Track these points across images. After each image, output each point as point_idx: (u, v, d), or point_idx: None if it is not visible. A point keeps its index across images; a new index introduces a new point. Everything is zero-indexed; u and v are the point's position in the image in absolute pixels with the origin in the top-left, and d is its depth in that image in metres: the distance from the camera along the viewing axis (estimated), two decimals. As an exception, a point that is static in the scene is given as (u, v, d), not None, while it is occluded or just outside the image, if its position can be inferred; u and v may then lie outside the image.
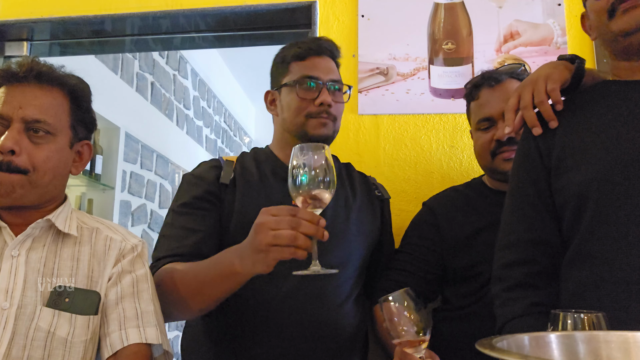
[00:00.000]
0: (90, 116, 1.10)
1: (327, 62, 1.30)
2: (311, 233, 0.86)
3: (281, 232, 0.86)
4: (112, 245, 1.03)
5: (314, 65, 1.27)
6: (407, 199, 1.60)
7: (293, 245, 0.86)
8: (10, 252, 0.95)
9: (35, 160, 0.96)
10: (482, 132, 1.29)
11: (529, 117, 0.99)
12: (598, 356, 0.57)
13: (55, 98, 1.02)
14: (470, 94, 1.34)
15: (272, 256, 0.89)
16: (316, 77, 1.26)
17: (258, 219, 0.91)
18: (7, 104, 0.97)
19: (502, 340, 0.55)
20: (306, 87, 1.25)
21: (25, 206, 0.99)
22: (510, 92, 1.25)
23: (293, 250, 0.87)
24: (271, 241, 0.87)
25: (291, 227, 0.86)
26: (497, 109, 1.26)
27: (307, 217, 0.87)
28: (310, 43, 1.30)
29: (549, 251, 0.94)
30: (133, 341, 0.93)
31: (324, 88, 1.25)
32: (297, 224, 0.86)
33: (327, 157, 0.88)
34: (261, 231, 0.89)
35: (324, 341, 1.14)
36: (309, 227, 0.86)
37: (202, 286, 1.03)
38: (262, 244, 0.88)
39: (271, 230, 0.87)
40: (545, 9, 1.72)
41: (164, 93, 3.67)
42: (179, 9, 1.87)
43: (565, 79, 0.99)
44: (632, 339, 0.57)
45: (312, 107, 1.23)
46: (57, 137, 1.00)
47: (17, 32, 2.05)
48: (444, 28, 1.74)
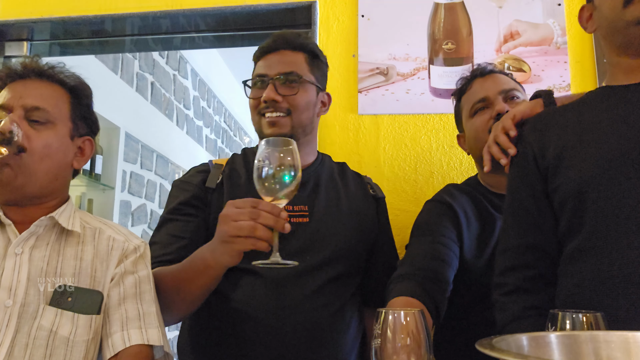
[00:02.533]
0: (92, 115, 1.11)
1: (281, 56, 1.25)
2: (270, 224, 0.89)
3: (241, 223, 0.89)
4: (114, 245, 1.03)
5: (266, 63, 1.25)
6: (407, 199, 1.61)
7: (252, 236, 0.88)
8: (14, 250, 0.95)
9: (32, 143, 0.97)
10: (478, 115, 1.28)
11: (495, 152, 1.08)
12: (598, 356, 0.57)
13: (56, 90, 1.04)
14: (462, 89, 1.35)
15: (236, 247, 0.91)
16: (263, 74, 1.23)
17: (223, 211, 0.94)
18: (9, 96, 1.00)
19: (502, 341, 0.55)
20: (255, 86, 1.25)
21: (27, 199, 0.99)
22: (502, 79, 1.31)
23: (253, 241, 0.89)
24: (233, 232, 0.90)
25: (251, 219, 0.88)
26: (492, 89, 1.27)
27: (268, 208, 0.89)
28: (270, 40, 1.27)
29: (544, 255, 0.96)
30: (135, 342, 0.93)
31: (269, 84, 1.21)
32: (256, 215, 0.88)
33: (291, 151, 0.89)
34: (224, 222, 0.92)
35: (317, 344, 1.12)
36: (268, 218, 0.88)
37: (180, 285, 1.05)
38: (226, 235, 0.91)
39: (232, 222, 0.90)
40: (545, 9, 1.72)
41: (164, 93, 3.67)
42: (179, 9, 1.87)
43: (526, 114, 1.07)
44: (632, 339, 0.57)
45: (261, 105, 1.23)
46: (56, 126, 1.01)
47: (17, 32, 2.05)
48: (444, 28, 1.74)
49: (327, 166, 1.35)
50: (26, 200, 0.99)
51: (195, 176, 1.27)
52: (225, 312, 1.14)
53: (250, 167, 1.26)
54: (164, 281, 1.07)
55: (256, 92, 1.24)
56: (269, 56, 1.25)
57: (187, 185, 1.25)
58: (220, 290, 1.14)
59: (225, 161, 1.31)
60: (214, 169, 1.27)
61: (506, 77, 1.33)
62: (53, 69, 1.06)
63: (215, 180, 1.24)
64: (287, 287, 1.13)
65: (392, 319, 0.64)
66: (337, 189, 1.29)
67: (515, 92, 1.28)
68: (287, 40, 1.26)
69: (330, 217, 1.23)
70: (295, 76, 1.23)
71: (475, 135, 1.28)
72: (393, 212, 1.53)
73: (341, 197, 1.28)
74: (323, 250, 1.18)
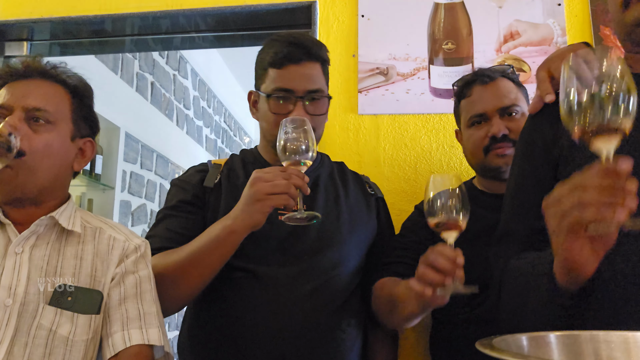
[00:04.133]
0: (93, 115, 1.11)
1: (306, 69, 1.20)
2: (299, 184, 1.02)
3: (277, 181, 1.01)
4: (115, 245, 1.03)
5: (290, 75, 1.19)
6: (407, 199, 1.60)
7: (287, 192, 1.00)
8: (14, 249, 0.95)
9: (32, 144, 0.97)
10: (475, 129, 1.28)
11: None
12: (598, 356, 0.58)
13: (57, 91, 1.04)
14: (462, 92, 1.32)
15: (269, 203, 1.02)
16: (291, 89, 1.19)
17: (253, 175, 1.05)
18: (9, 95, 1.00)
19: (502, 341, 0.55)
20: (280, 101, 1.20)
21: (27, 199, 0.99)
22: (503, 90, 1.27)
23: (287, 197, 1.01)
24: (269, 190, 1.01)
25: (284, 179, 1.01)
26: (490, 105, 1.25)
27: (296, 172, 1.02)
28: (288, 47, 1.20)
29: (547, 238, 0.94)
30: (135, 342, 0.93)
31: (299, 102, 1.18)
32: (288, 176, 1.02)
33: (305, 129, 1.04)
34: (258, 183, 1.03)
35: (316, 344, 1.12)
36: (298, 178, 1.02)
37: (197, 257, 1.08)
38: (260, 193, 1.02)
39: (266, 182, 1.02)
40: (545, 9, 1.72)
41: (164, 93, 3.67)
42: (179, 9, 1.87)
43: None
44: (632, 339, 0.57)
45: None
46: (57, 127, 1.01)
47: (17, 32, 2.05)
48: (444, 28, 1.74)
49: (327, 166, 1.35)
50: (26, 200, 0.99)
51: (194, 175, 1.27)
52: (225, 313, 1.14)
53: (249, 168, 1.27)
54: (178, 256, 1.09)
55: (279, 106, 1.20)
56: (291, 67, 1.19)
57: (186, 184, 1.26)
58: (219, 290, 1.15)
59: (224, 161, 1.32)
60: (213, 169, 1.28)
61: (508, 86, 1.29)
62: (55, 69, 1.05)
63: (214, 180, 1.25)
64: (285, 287, 1.13)
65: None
66: (336, 188, 1.30)
67: (514, 108, 1.25)
68: (309, 51, 1.21)
69: (329, 216, 1.23)
70: (320, 94, 1.22)
71: (471, 149, 1.30)
72: (393, 212, 1.53)
73: (340, 196, 1.28)
74: (323, 249, 1.18)
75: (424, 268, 0.91)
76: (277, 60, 1.20)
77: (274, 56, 1.20)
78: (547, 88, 0.98)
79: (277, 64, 1.20)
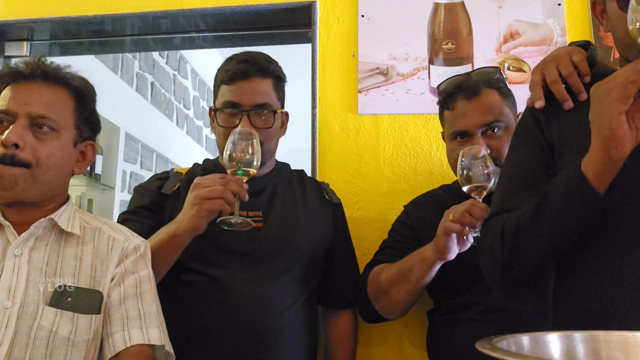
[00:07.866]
0: (95, 117, 1.11)
1: (254, 85, 1.25)
2: (236, 191, 1.06)
3: (214, 187, 1.05)
4: (114, 245, 1.03)
5: (238, 90, 1.24)
6: (407, 199, 1.60)
7: (222, 197, 1.04)
8: (13, 251, 0.95)
9: (38, 155, 0.97)
10: (457, 144, 1.25)
11: (559, 91, 0.95)
12: (598, 356, 0.58)
13: (61, 96, 1.03)
14: (445, 102, 1.30)
15: (205, 207, 1.05)
16: (238, 103, 1.24)
17: (195, 181, 1.10)
18: (13, 100, 0.98)
19: (502, 340, 0.55)
20: (227, 114, 1.26)
21: (27, 202, 0.99)
22: (487, 105, 1.23)
23: (222, 202, 1.05)
24: (205, 194, 1.05)
25: (221, 184, 1.05)
26: (474, 122, 1.22)
27: (234, 179, 1.07)
28: (239, 64, 1.25)
29: None
30: (136, 342, 0.93)
31: (244, 116, 1.23)
32: (226, 182, 1.06)
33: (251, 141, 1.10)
34: (196, 188, 1.08)
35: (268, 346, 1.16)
36: (235, 185, 1.06)
37: None
38: (197, 198, 1.06)
39: (204, 187, 1.06)
40: (545, 9, 1.72)
41: (164, 93, 3.67)
42: (179, 9, 1.87)
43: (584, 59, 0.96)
44: (632, 338, 0.57)
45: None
46: (61, 134, 1.01)
47: (17, 32, 2.05)
48: (444, 28, 1.74)
49: (286, 174, 1.40)
50: (26, 203, 0.99)
51: (153, 182, 1.34)
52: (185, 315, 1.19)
53: None
54: None
55: (227, 120, 1.26)
56: (240, 83, 1.24)
57: (145, 190, 1.32)
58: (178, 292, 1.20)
59: (186, 170, 1.37)
60: (173, 177, 1.34)
61: (493, 99, 1.24)
62: (58, 72, 1.04)
63: (172, 187, 1.30)
64: (240, 290, 1.18)
65: None
66: (294, 196, 1.34)
67: (496, 124, 1.22)
68: (258, 66, 1.26)
69: (285, 223, 1.27)
70: (267, 108, 1.26)
71: (452, 163, 1.29)
72: (393, 212, 1.53)
73: (298, 203, 1.33)
74: (277, 254, 1.23)
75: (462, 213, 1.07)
76: (227, 76, 1.26)
77: (225, 73, 1.27)
78: (537, 93, 0.98)
79: (227, 80, 1.26)
